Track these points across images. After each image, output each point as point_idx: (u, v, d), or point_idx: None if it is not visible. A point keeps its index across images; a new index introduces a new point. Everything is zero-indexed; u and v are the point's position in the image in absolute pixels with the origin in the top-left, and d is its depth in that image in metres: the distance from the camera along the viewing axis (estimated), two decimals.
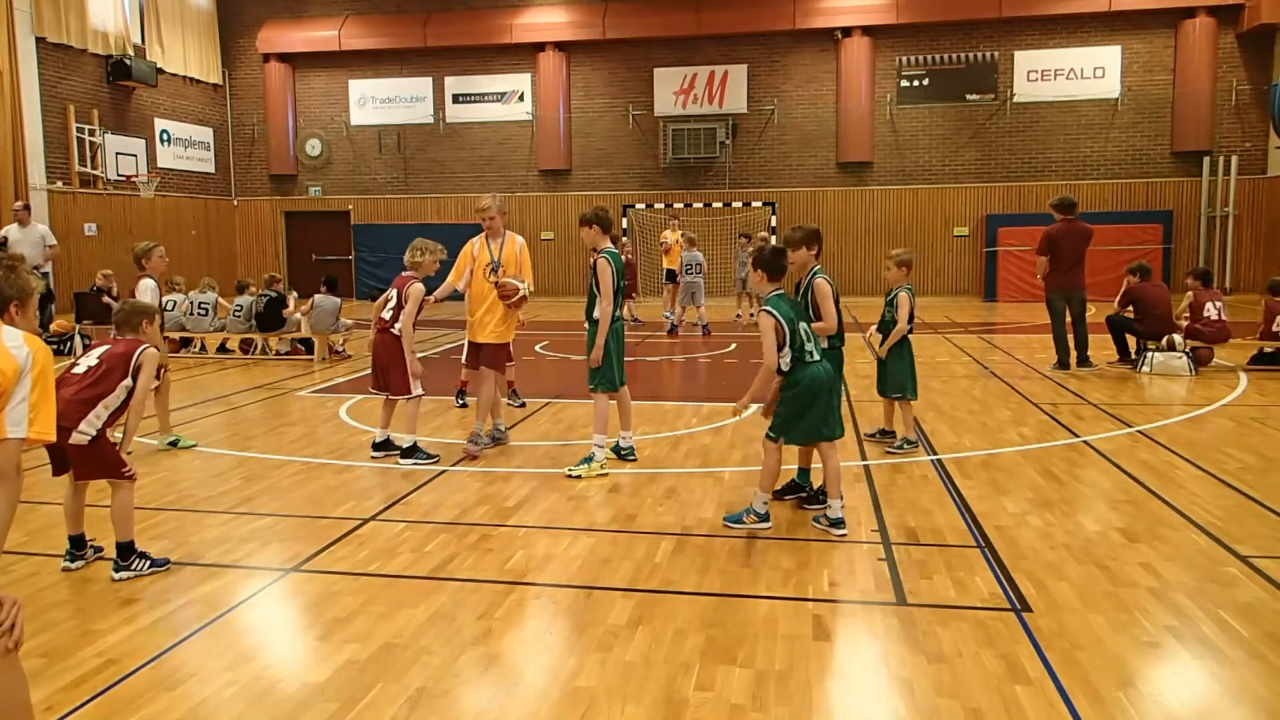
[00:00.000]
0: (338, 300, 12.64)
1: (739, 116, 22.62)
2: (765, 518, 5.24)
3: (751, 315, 15.86)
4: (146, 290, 7.47)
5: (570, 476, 6.37)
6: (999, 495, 5.86)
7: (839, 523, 5.18)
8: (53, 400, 2.76)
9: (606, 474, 6.45)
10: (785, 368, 5.18)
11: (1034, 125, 21.61)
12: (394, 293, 6.96)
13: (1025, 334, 14.79)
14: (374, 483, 6.45)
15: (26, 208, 14.47)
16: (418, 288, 6.89)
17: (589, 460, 6.49)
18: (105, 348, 4.84)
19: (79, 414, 4.48)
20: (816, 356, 5.20)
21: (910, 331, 7.07)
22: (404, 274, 7.02)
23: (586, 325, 6.67)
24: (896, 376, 7.04)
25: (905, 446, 7.07)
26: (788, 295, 5.33)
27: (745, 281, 15.80)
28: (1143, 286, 10.87)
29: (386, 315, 6.95)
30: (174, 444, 7.54)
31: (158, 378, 7.44)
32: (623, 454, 6.90)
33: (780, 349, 5.14)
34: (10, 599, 2.54)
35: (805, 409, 5.14)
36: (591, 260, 6.61)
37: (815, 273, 5.78)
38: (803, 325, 5.20)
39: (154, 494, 6.15)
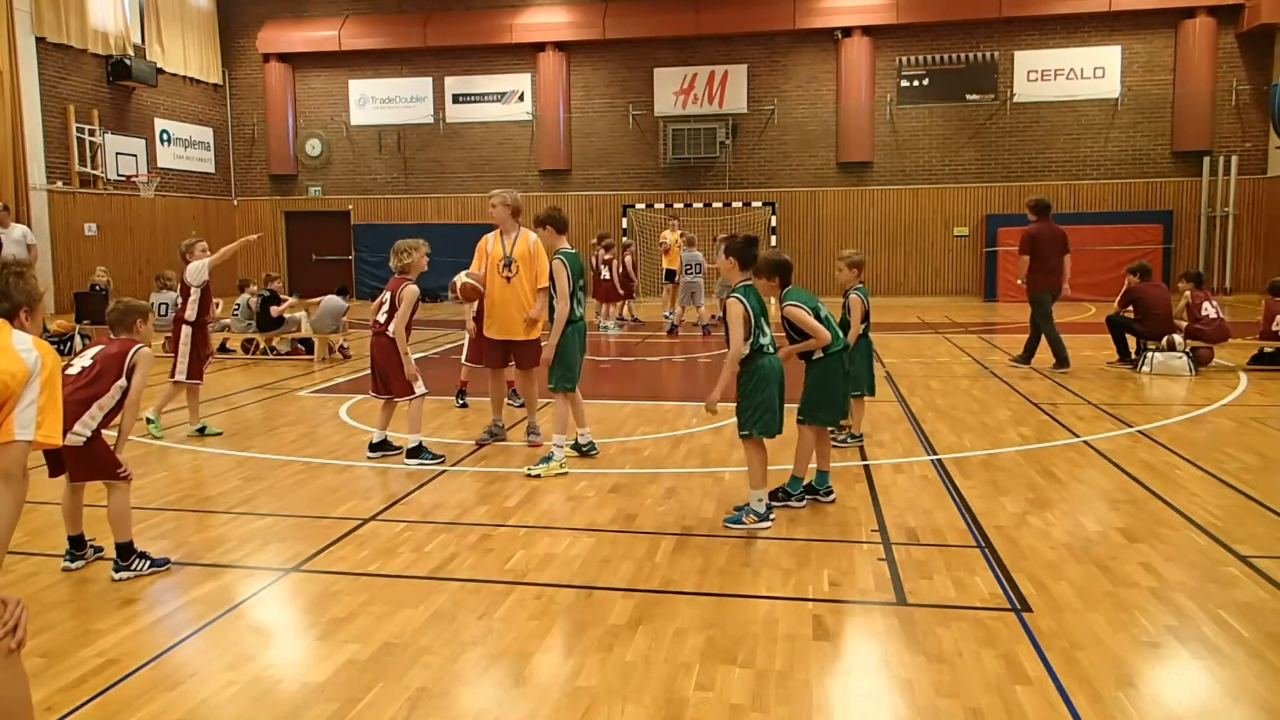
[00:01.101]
0: (345, 305, 12.73)
1: (739, 116, 22.62)
2: (764, 516, 5.24)
3: (715, 318, 15.89)
4: (192, 271, 8.10)
5: (530, 476, 6.39)
6: (999, 495, 5.86)
7: (765, 516, 5.25)
8: (59, 405, 2.77)
9: (566, 473, 6.47)
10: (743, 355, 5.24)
11: (1034, 125, 21.62)
12: (388, 295, 6.96)
13: (1025, 334, 14.75)
14: (374, 483, 6.45)
15: (5, 208, 14.45)
16: (411, 289, 6.90)
17: (548, 460, 6.51)
18: (99, 348, 4.82)
19: (73, 415, 4.45)
20: (772, 350, 5.27)
21: (866, 331, 7.08)
22: (397, 275, 7.02)
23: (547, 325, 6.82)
24: (854, 374, 7.02)
25: (850, 441, 7.18)
26: (755, 288, 5.33)
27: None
28: (1143, 286, 10.87)
29: (381, 319, 6.94)
30: (201, 430, 7.98)
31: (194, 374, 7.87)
32: (584, 450, 6.97)
33: (746, 338, 5.18)
34: (14, 600, 2.55)
35: (765, 399, 5.17)
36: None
37: (785, 300, 5.57)
38: (762, 320, 5.25)
39: (154, 494, 6.15)
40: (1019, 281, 11.09)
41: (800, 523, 5.36)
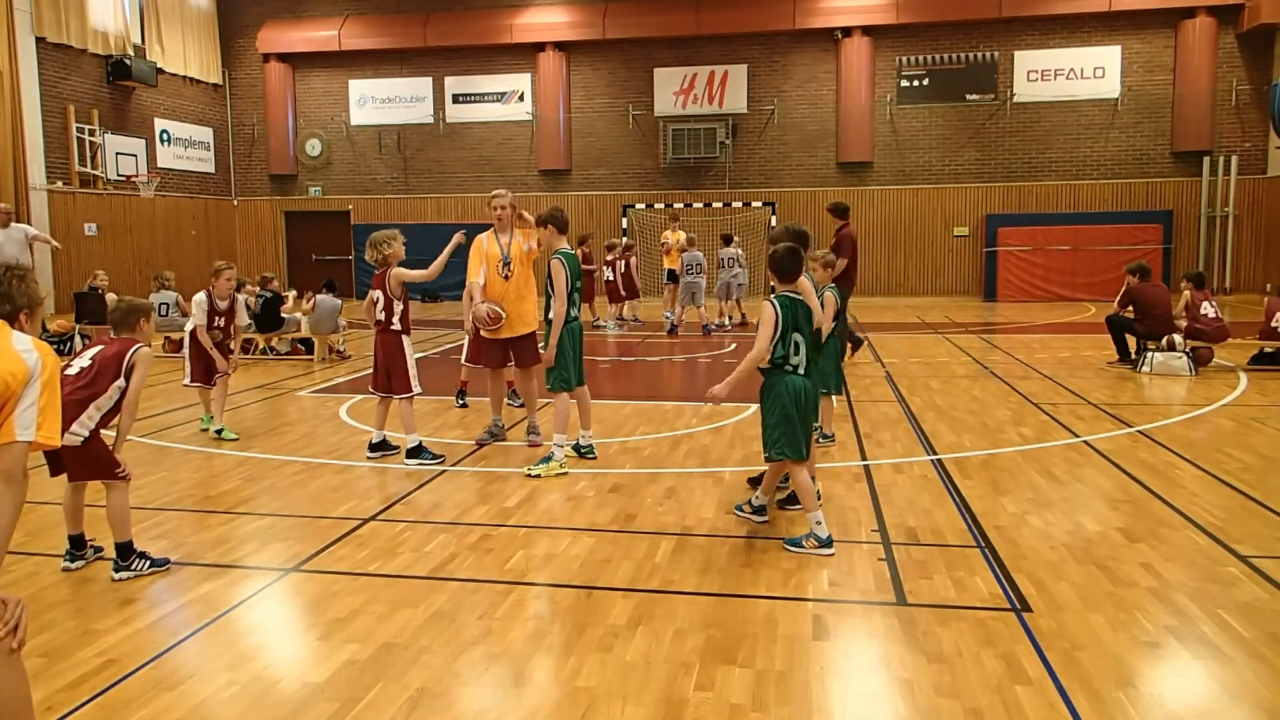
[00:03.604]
0: (338, 302, 12.67)
1: (739, 116, 22.63)
2: (826, 542, 4.89)
3: (720, 320, 15.93)
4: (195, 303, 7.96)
5: (530, 476, 6.40)
6: (999, 495, 5.86)
7: (762, 510, 5.36)
8: (59, 406, 2.78)
9: (566, 473, 6.47)
10: (767, 365, 5.06)
11: (1034, 125, 21.62)
12: (378, 293, 6.96)
13: (1025, 334, 14.79)
14: (374, 483, 6.45)
15: (6, 210, 14.37)
16: (398, 270, 6.93)
17: (548, 460, 6.52)
18: (98, 348, 4.82)
19: (71, 415, 4.44)
20: (803, 371, 5.05)
21: (835, 330, 7.06)
22: (379, 270, 7.03)
23: (543, 325, 6.82)
24: (822, 373, 6.98)
25: (822, 441, 7.16)
26: (799, 300, 5.10)
27: (729, 286, 15.76)
28: (1142, 287, 10.87)
29: (382, 317, 6.95)
30: (220, 433, 7.89)
31: (212, 380, 7.95)
32: (582, 452, 6.98)
33: (771, 342, 5.00)
34: (14, 600, 2.55)
35: (782, 419, 4.97)
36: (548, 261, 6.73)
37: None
38: (797, 336, 5.02)
39: (154, 494, 6.15)
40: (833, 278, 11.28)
41: (800, 523, 5.35)
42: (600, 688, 3.45)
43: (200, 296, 7.89)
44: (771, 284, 5.27)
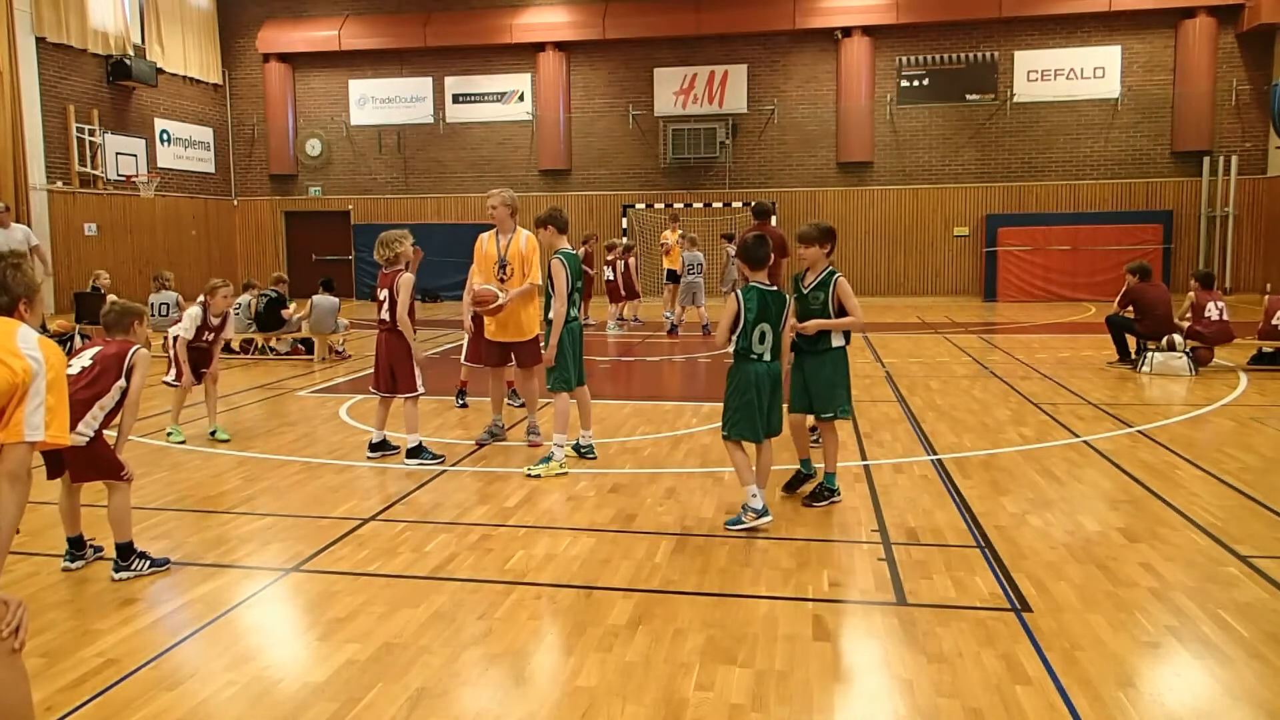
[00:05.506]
0: (335, 300, 12.63)
1: (739, 116, 22.62)
2: (764, 512, 5.22)
3: None
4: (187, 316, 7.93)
5: (530, 476, 6.40)
6: (999, 495, 5.86)
7: (763, 511, 5.33)
8: (67, 405, 2.78)
9: (566, 473, 6.47)
10: (733, 351, 5.35)
11: (1034, 125, 21.61)
12: (385, 292, 6.95)
13: (1025, 334, 14.79)
14: (374, 483, 6.45)
15: (6, 208, 14.34)
16: (407, 277, 6.92)
17: (548, 460, 6.52)
18: (98, 349, 4.82)
19: (76, 415, 4.43)
20: (768, 358, 5.28)
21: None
22: (386, 269, 7.01)
23: (543, 325, 6.86)
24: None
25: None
26: (769, 291, 5.31)
27: (735, 285, 15.69)
28: (1142, 287, 10.87)
29: (386, 316, 6.94)
30: (213, 434, 7.87)
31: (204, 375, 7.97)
32: (582, 452, 6.99)
33: (732, 332, 5.30)
34: (15, 601, 2.56)
35: (744, 403, 5.23)
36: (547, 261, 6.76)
37: (833, 274, 5.72)
38: (763, 326, 5.24)
39: (154, 494, 6.15)
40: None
41: (800, 523, 5.36)
42: (600, 688, 3.45)
43: (195, 310, 7.84)
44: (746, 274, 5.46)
